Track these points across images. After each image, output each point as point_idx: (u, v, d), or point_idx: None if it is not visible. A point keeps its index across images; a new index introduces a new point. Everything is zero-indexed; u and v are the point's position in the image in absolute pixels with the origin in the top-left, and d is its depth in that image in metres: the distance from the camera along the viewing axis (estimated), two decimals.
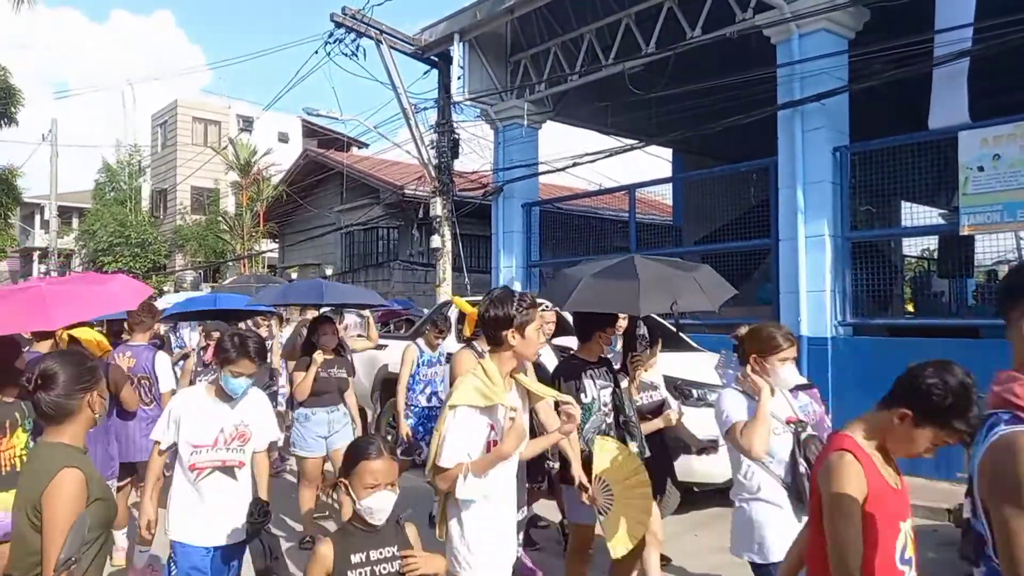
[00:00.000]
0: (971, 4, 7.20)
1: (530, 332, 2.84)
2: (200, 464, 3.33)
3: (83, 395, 2.25)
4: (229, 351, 3.35)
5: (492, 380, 2.77)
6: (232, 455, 3.40)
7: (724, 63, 9.09)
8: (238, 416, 3.43)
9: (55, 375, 2.20)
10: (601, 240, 12.08)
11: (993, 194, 6.94)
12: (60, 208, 28.91)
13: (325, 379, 5.58)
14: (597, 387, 3.81)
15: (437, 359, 6.33)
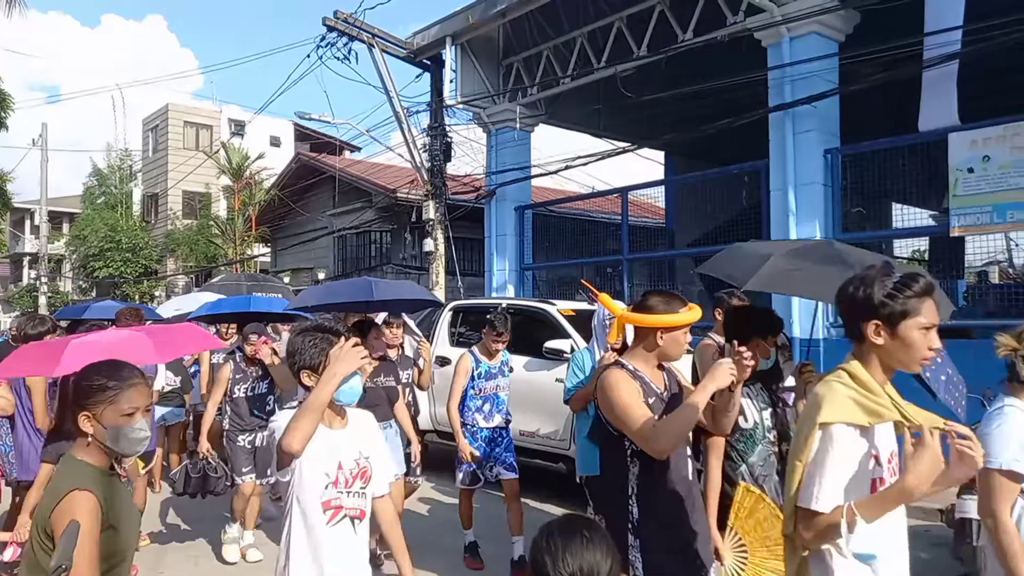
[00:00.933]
0: (960, 7, 7.25)
1: (909, 332, 1.89)
2: (335, 503, 2.45)
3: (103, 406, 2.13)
4: None
5: (870, 389, 1.91)
6: (353, 501, 2.48)
7: (715, 66, 9.13)
8: (356, 444, 2.54)
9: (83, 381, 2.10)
10: (594, 243, 12.09)
11: (983, 196, 6.99)
12: (50, 213, 28.74)
13: (372, 390, 4.73)
14: (757, 408, 3.06)
15: (498, 369, 5.22)
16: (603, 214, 12.81)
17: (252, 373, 5.44)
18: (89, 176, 30.67)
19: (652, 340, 2.60)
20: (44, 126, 25.85)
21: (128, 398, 2.08)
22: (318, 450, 2.38)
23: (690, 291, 10.48)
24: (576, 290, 11.51)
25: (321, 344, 2.50)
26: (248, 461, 5.36)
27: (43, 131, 25.78)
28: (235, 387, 5.43)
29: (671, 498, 2.57)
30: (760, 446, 3.03)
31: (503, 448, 5.12)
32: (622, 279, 10.63)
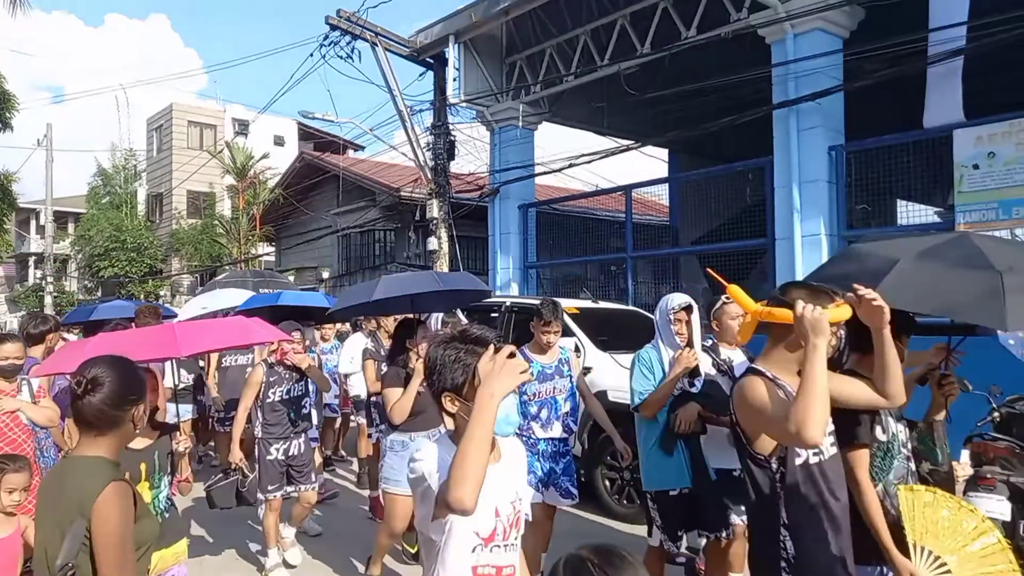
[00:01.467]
0: (965, 3, 7.22)
1: None
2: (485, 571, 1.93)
3: (130, 407, 2.13)
4: None
5: None
6: (508, 557, 1.97)
7: (719, 63, 9.10)
8: (511, 482, 2.02)
9: (106, 382, 2.07)
10: (598, 241, 12.08)
11: (988, 192, 6.96)
12: (56, 213, 28.83)
13: (425, 394, 4.18)
14: (894, 419, 2.69)
15: (555, 369, 4.39)
16: (607, 212, 12.80)
17: (286, 374, 5.05)
18: (94, 176, 30.78)
19: (795, 341, 2.26)
20: (49, 126, 25.94)
21: None
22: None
23: (695, 290, 10.46)
24: (580, 288, 11.50)
25: (466, 358, 1.95)
26: (278, 477, 4.97)
27: (48, 131, 25.86)
28: (269, 391, 4.99)
29: (827, 528, 2.31)
30: (896, 461, 2.65)
31: (563, 467, 4.31)
32: (626, 277, 10.62)
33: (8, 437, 3.93)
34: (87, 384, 2.06)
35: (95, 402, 2.05)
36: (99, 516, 1.93)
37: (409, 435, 4.36)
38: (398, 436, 4.39)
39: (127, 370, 2.17)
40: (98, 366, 2.11)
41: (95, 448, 2.08)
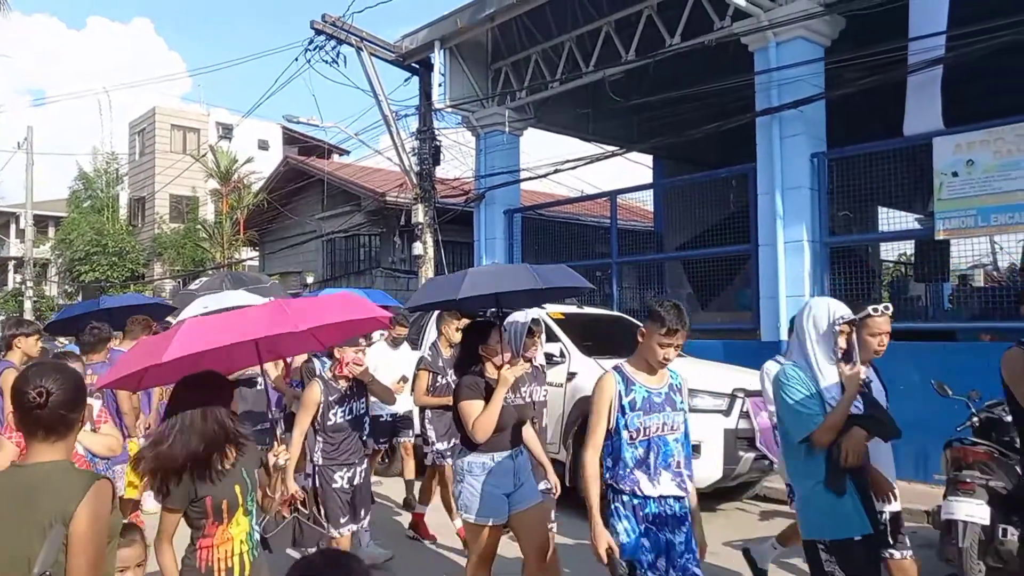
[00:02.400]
0: (944, 13, 7.33)
1: None
2: None
3: (83, 408, 2.16)
4: None
5: None
6: None
7: (703, 70, 9.17)
8: None
9: (60, 387, 2.08)
10: (583, 246, 12.11)
11: (967, 199, 7.05)
12: (36, 217, 28.49)
13: (507, 410, 3.74)
14: None
15: (665, 396, 3.13)
16: (592, 218, 12.83)
17: (347, 390, 4.40)
18: (75, 180, 30.46)
19: None
20: (30, 129, 25.67)
21: None
22: None
23: (679, 294, 10.52)
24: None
25: None
26: (346, 508, 4.35)
27: (28, 134, 25.59)
28: (329, 411, 4.30)
29: None
30: None
31: (684, 541, 3.06)
32: (611, 282, 10.65)
33: None
34: (44, 392, 2.06)
35: (55, 408, 2.06)
36: (88, 517, 1.94)
37: (491, 455, 3.71)
38: (478, 458, 3.70)
39: (73, 374, 2.20)
40: (45, 374, 2.11)
41: (54, 453, 2.08)
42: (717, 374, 6.75)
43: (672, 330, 2.98)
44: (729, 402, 6.25)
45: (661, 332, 2.99)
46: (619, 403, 3.02)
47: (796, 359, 3.15)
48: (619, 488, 3.01)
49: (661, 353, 3.03)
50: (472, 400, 3.68)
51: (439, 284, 4.91)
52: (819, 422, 2.95)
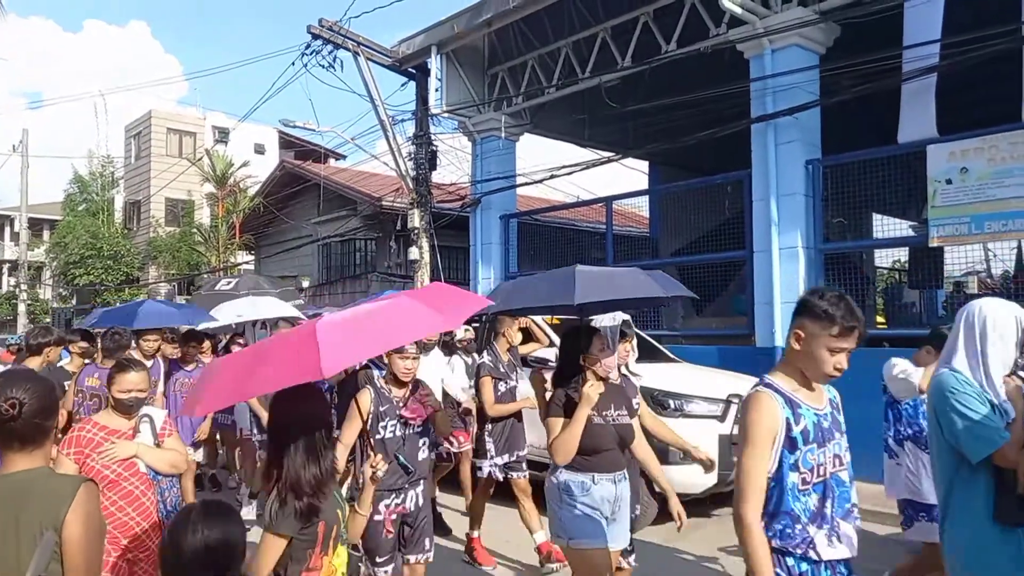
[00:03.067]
0: (938, 21, 7.38)
1: None
2: None
3: (56, 415, 2.16)
4: None
5: None
6: None
7: (699, 77, 9.21)
8: None
9: (33, 397, 2.07)
10: (579, 252, 12.13)
11: (961, 207, 7.09)
12: (31, 220, 28.43)
13: (606, 428, 3.45)
14: None
15: (831, 420, 2.44)
16: (588, 223, 12.85)
17: (400, 400, 3.82)
18: (71, 183, 30.41)
19: None
20: (25, 132, 25.67)
21: None
22: None
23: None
24: None
25: None
26: (390, 544, 3.75)
27: (24, 137, 25.56)
28: (378, 424, 3.73)
29: None
30: None
31: None
32: None
33: (124, 489, 3.19)
34: (17, 403, 2.05)
35: (29, 418, 2.05)
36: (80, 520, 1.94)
37: (591, 476, 3.41)
38: (575, 477, 3.41)
39: (43, 381, 2.19)
40: (16, 384, 2.10)
41: (32, 461, 2.07)
42: (712, 379, 6.76)
43: (847, 328, 2.24)
44: (724, 408, 6.26)
45: (832, 333, 2.24)
46: (786, 435, 2.24)
47: (955, 365, 2.66)
48: (787, 551, 2.22)
49: (832, 362, 2.27)
50: (556, 417, 3.41)
51: (541, 286, 4.11)
52: (1006, 437, 2.45)
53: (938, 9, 7.37)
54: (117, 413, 3.38)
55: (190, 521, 1.86)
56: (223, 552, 1.66)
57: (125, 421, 3.36)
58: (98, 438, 3.24)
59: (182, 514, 1.78)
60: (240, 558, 1.68)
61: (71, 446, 3.17)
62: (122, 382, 3.34)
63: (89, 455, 3.17)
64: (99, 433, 3.26)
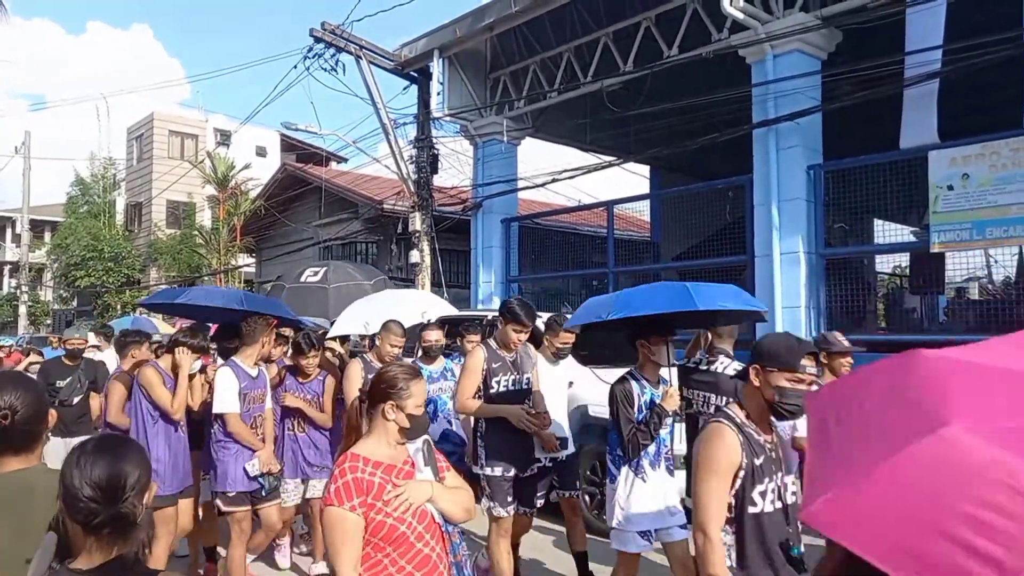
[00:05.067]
0: (940, 27, 7.38)
1: None
2: None
3: (48, 417, 2.16)
4: None
5: None
6: None
7: (700, 82, 9.22)
8: None
9: (24, 403, 2.07)
10: (580, 256, 12.14)
11: (962, 212, 7.09)
12: (32, 222, 28.46)
13: None
14: None
15: None
16: (589, 227, 12.87)
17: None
18: (72, 185, 30.45)
19: None
20: (27, 134, 25.70)
21: None
22: None
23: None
24: (561, 303, 11.52)
25: None
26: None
27: (26, 139, 25.61)
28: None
29: None
30: None
31: None
32: (608, 292, 10.66)
33: (417, 553, 2.33)
34: (9, 412, 2.04)
35: (21, 425, 2.05)
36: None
37: None
38: None
39: (33, 385, 2.19)
40: (6, 390, 2.07)
41: (26, 462, 2.08)
42: None
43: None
44: None
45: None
46: None
47: None
48: None
49: None
50: None
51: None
52: None
53: (940, 15, 7.38)
54: (390, 439, 2.42)
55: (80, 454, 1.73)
56: (109, 484, 1.66)
57: (392, 451, 2.42)
58: (377, 479, 2.31)
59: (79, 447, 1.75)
60: (133, 490, 1.69)
61: (350, 496, 2.24)
62: (419, 394, 2.43)
63: (373, 505, 2.26)
64: (376, 472, 2.32)
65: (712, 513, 2.32)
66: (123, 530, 1.66)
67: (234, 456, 4.53)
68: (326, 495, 2.30)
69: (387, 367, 2.52)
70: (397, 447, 2.41)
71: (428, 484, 2.38)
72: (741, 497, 2.36)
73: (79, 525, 1.65)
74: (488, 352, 4.37)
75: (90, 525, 1.63)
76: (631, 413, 3.74)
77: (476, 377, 4.29)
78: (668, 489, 3.82)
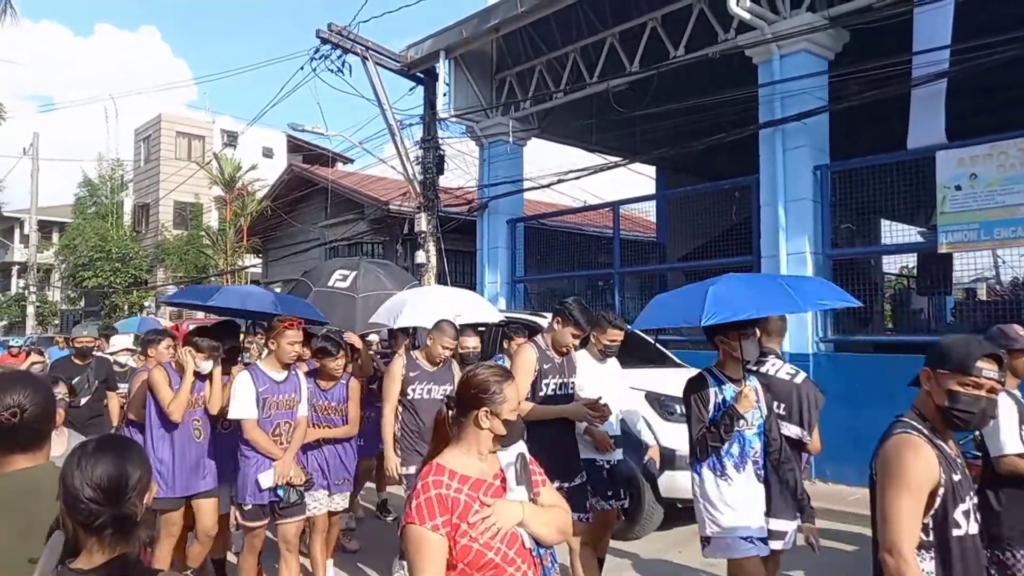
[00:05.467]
0: (948, 27, 7.36)
1: None
2: None
3: (56, 415, 2.21)
4: None
5: None
6: None
7: (707, 82, 9.21)
8: None
9: (32, 402, 2.07)
10: (586, 256, 12.12)
11: (970, 213, 7.06)
12: (40, 222, 28.61)
13: None
14: None
15: None
16: (595, 228, 12.85)
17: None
18: (80, 186, 30.61)
19: None
20: (35, 135, 25.86)
21: None
22: None
23: None
24: None
25: None
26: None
27: (34, 140, 25.74)
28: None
29: None
30: None
31: None
32: (614, 292, 10.66)
33: None
34: (17, 411, 2.04)
35: (29, 423, 2.05)
36: None
37: None
38: None
39: (41, 384, 2.19)
40: (14, 390, 2.08)
41: (34, 460, 2.07)
42: None
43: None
44: None
45: None
46: None
47: None
48: None
49: None
50: None
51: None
52: None
53: (948, 15, 7.35)
54: (482, 448, 2.17)
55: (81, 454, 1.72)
56: (112, 485, 1.64)
57: (482, 464, 2.18)
58: (464, 497, 2.07)
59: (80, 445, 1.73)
60: (134, 490, 1.68)
61: (432, 514, 2.03)
62: (514, 398, 2.21)
63: (458, 526, 2.04)
64: (463, 489, 2.09)
65: (905, 531, 2.08)
66: (125, 530, 1.66)
67: (253, 466, 4.28)
68: (407, 511, 2.08)
69: (474, 370, 2.27)
70: (488, 458, 2.20)
71: (519, 506, 2.15)
72: (943, 518, 2.13)
73: (80, 526, 1.65)
74: (539, 352, 4.18)
75: (92, 526, 1.63)
76: (704, 413, 3.56)
77: (529, 376, 4.08)
78: (757, 496, 3.59)
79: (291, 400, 4.42)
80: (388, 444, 4.77)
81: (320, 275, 7.27)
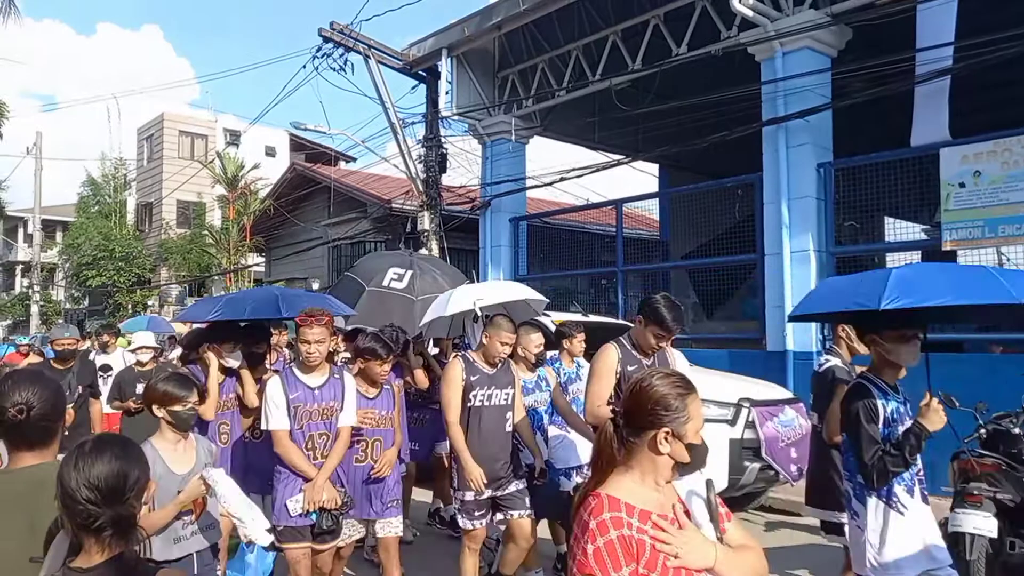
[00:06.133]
0: (951, 24, 7.34)
1: None
2: None
3: (64, 412, 2.17)
4: None
5: None
6: None
7: (709, 80, 9.19)
8: None
9: (39, 399, 2.07)
10: (589, 254, 12.12)
11: (974, 210, 7.04)
12: (44, 221, 28.65)
13: None
14: None
15: None
16: (598, 226, 12.84)
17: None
18: (83, 185, 30.64)
19: None
20: (39, 135, 25.88)
21: None
22: None
23: (683, 303, 10.50)
24: (570, 301, 11.51)
25: None
26: None
27: (37, 139, 25.78)
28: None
29: None
30: None
31: None
32: (617, 290, 10.65)
33: None
34: (25, 408, 2.04)
35: (37, 421, 2.05)
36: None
37: None
38: None
39: (49, 381, 2.18)
40: (23, 387, 2.07)
41: (41, 458, 2.07)
42: (723, 383, 6.72)
43: None
44: (735, 412, 6.23)
45: None
46: None
47: None
48: None
49: None
50: None
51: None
52: None
53: (951, 12, 7.33)
54: (659, 476, 1.80)
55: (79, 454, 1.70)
56: (109, 484, 1.62)
57: (659, 494, 1.80)
58: (648, 540, 1.70)
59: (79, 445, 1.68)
60: (133, 490, 1.67)
61: (617, 564, 1.64)
62: (699, 416, 1.83)
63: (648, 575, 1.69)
64: (645, 527, 1.71)
65: None
66: (123, 530, 1.66)
67: (284, 483, 3.79)
68: (581, 558, 1.65)
69: (649, 380, 1.80)
70: (665, 488, 1.80)
71: (712, 546, 1.76)
72: None
73: (78, 527, 1.64)
74: (623, 352, 3.77)
75: (90, 527, 1.62)
76: (876, 431, 2.94)
77: (611, 379, 3.68)
78: (928, 521, 3.04)
79: (330, 408, 3.85)
80: (467, 459, 4.04)
81: (372, 272, 6.65)
